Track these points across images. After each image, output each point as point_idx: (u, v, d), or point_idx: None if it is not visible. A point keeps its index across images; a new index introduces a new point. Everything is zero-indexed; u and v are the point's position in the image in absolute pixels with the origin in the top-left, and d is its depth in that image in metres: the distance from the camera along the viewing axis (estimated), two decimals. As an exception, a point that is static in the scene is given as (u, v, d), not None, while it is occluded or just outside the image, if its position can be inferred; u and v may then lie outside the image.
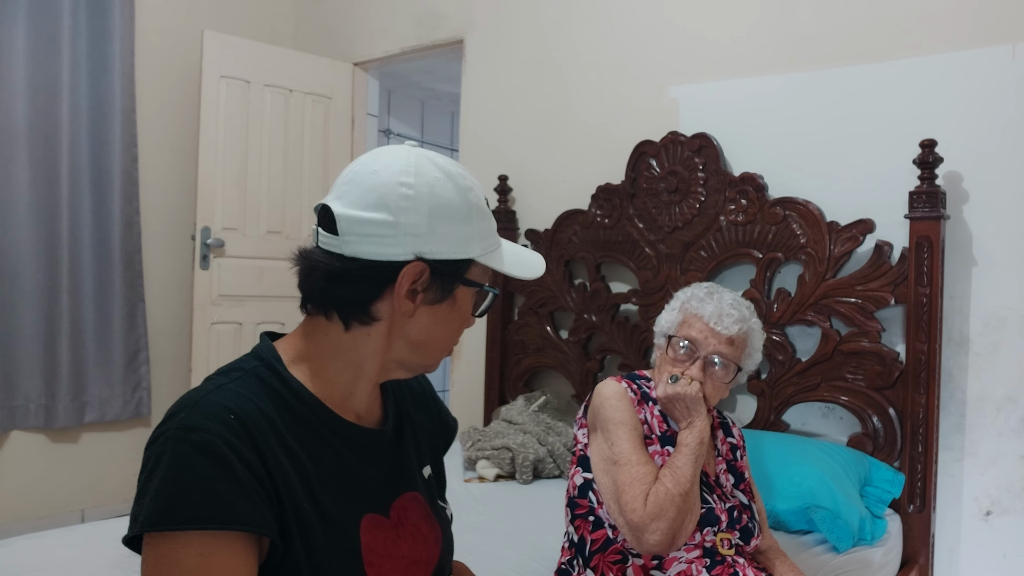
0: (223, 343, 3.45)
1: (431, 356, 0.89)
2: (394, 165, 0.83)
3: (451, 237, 0.83)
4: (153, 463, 0.74)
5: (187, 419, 0.75)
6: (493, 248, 0.88)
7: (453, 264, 0.84)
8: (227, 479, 0.72)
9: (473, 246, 0.85)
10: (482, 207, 0.87)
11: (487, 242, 0.87)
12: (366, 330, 0.85)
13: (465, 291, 0.87)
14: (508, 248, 0.91)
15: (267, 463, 0.76)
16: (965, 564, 2.21)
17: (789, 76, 2.50)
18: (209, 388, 0.80)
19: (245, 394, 0.79)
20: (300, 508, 0.78)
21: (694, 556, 1.42)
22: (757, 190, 2.44)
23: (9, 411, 3.06)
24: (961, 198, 2.21)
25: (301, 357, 0.86)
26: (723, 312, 1.49)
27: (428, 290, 0.84)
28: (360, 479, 0.86)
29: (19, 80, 3.03)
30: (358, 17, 3.81)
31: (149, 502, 0.71)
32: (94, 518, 3.23)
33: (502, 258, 0.88)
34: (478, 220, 0.86)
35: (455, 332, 0.89)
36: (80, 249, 3.20)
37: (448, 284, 0.85)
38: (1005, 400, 2.14)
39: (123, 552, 1.65)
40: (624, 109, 2.87)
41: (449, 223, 0.83)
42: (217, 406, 0.76)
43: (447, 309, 0.86)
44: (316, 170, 3.74)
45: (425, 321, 0.86)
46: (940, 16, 2.24)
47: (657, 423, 1.50)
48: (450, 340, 0.89)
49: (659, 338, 1.58)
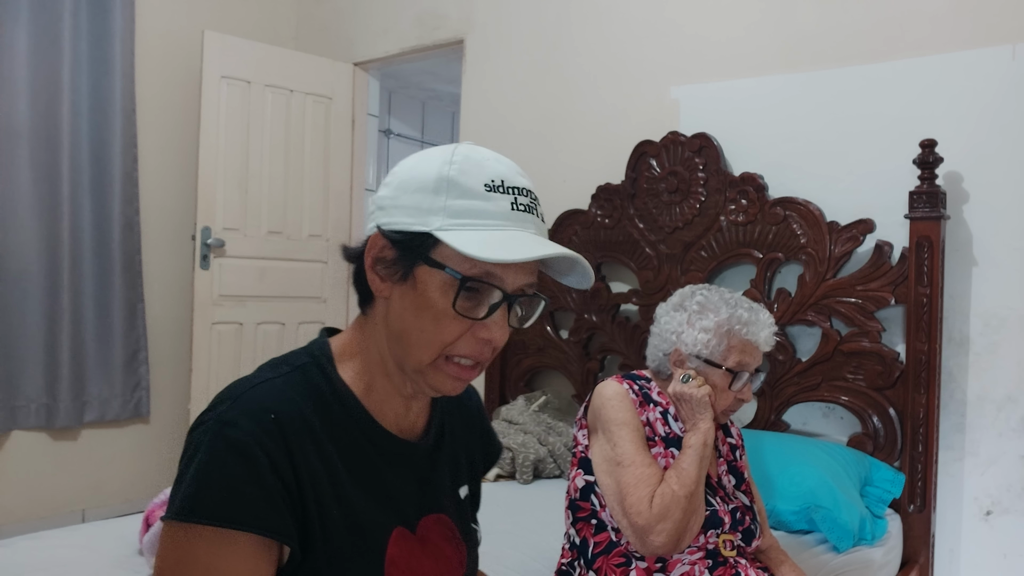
0: (223, 343, 3.45)
1: (411, 353, 0.80)
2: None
3: (410, 208, 0.78)
4: (191, 452, 0.74)
5: (227, 413, 0.75)
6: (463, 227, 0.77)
7: (409, 237, 0.78)
8: (253, 482, 0.72)
9: (433, 220, 0.77)
10: (463, 183, 0.77)
11: (457, 220, 0.77)
12: (372, 318, 0.84)
13: (428, 273, 0.77)
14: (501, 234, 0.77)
15: (297, 468, 0.75)
16: (965, 564, 2.21)
17: (789, 76, 2.50)
18: (256, 382, 0.79)
19: (289, 393, 0.78)
20: (328, 514, 0.77)
21: (697, 558, 1.42)
22: (757, 190, 2.44)
23: (10, 411, 3.06)
24: (961, 198, 2.21)
25: (349, 354, 0.85)
26: (772, 332, 1.51)
27: (391, 266, 0.79)
28: (392, 490, 0.84)
29: (20, 81, 3.03)
30: (358, 17, 3.81)
31: (180, 492, 0.72)
32: (95, 518, 3.23)
33: (469, 238, 0.75)
34: (449, 194, 0.77)
35: (428, 324, 0.78)
36: (80, 249, 3.21)
37: (406, 260, 0.78)
38: (1005, 400, 2.14)
39: (124, 552, 1.66)
40: (624, 109, 2.87)
41: (412, 193, 0.79)
42: (258, 404, 0.76)
43: (412, 293, 0.79)
44: (317, 170, 3.74)
45: (398, 305, 0.80)
46: (940, 16, 2.24)
47: (660, 424, 1.49)
48: (425, 334, 0.79)
49: (690, 361, 1.50)
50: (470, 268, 0.76)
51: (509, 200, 0.78)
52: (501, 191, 0.79)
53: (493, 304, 0.78)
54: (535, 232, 0.80)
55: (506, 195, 0.78)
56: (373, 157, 4.04)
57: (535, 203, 0.82)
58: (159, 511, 1.58)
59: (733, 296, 1.53)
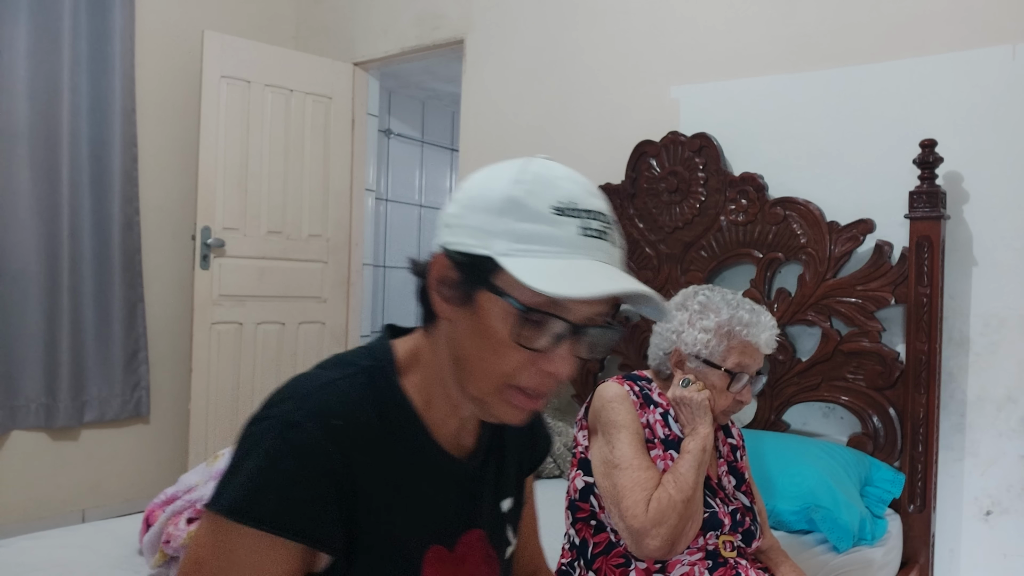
0: (223, 343, 3.45)
1: (471, 380, 0.76)
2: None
3: (474, 228, 0.74)
4: (249, 446, 0.72)
5: (292, 414, 0.73)
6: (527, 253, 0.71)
7: (471, 259, 0.73)
8: (310, 490, 0.71)
9: (496, 243, 0.72)
10: (529, 205, 0.72)
11: (520, 246, 0.72)
12: (435, 336, 0.81)
13: (490, 299, 0.73)
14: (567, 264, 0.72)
15: (356, 479, 0.73)
16: (965, 564, 2.21)
17: (789, 76, 2.50)
18: (322, 381, 0.77)
19: (354, 398, 0.76)
20: (372, 527, 0.76)
21: (696, 559, 1.42)
22: (757, 190, 2.44)
23: (10, 411, 3.06)
24: (961, 198, 2.21)
25: (411, 364, 0.82)
26: (773, 334, 1.50)
27: (454, 288, 0.75)
28: (434, 507, 0.82)
29: (20, 80, 3.03)
30: (358, 17, 3.81)
31: (233, 487, 0.71)
32: (94, 518, 3.23)
33: (533, 266, 0.70)
34: (514, 216, 0.72)
35: (489, 353, 0.74)
36: (80, 249, 3.21)
37: (468, 284, 0.74)
38: (1005, 400, 2.14)
39: (124, 552, 1.66)
40: (624, 109, 2.87)
41: (477, 212, 0.74)
42: (326, 408, 0.74)
43: (474, 318, 0.75)
44: (317, 170, 3.74)
45: (461, 329, 0.76)
46: (940, 16, 2.24)
47: (660, 426, 1.49)
48: (486, 363, 0.75)
49: (689, 361, 1.49)
50: (533, 297, 0.71)
51: (579, 224, 0.73)
52: (570, 214, 0.73)
53: (557, 336, 0.73)
54: (606, 260, 0.74)
55: (575, 219, 0.73)
56: (373, 157, 4.05)
57: (608, 227, 0.76)
58: (159, 511, 1.58)
59: (735, 297, 1.52)
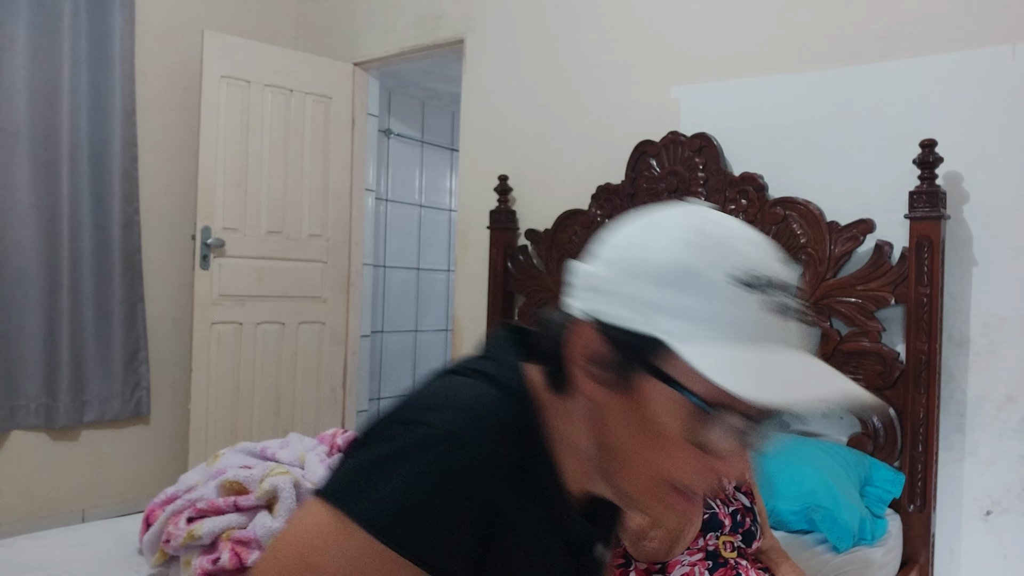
0: (223, 343, 3.45)
1: (622, 475, 0.67)
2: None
3: (633, 299, 0.62)
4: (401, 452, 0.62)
5: (460, 433, 0.63)
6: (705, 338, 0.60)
7: (631, 337, 0.62)
8: (464, 524, 0.63)
9: (663, 320, 0.60)
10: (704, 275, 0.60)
11: (695, 326, 0.60)
12: (567, 400, 0.69)
13: (655, 387, 0.62)
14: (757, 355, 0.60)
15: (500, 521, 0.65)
16: (965, 564, 2.21)
17: (789, 76, 2.50)
18: (478, 394, 0.67)
19: (513, 424, 0.67)
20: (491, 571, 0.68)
21: (696, 559, 1.42)
22: (757, 190, 2.44)
23: (9, 411, 3.06)
24: (961, 198, 2.21)
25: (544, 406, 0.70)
26: None
27: (604, 368, 0.64)
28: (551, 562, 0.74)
29: (19, 80, 3.03)
30: (358, 17, 3.81)
31: (381, 499, 0.61)
32: (94, 517, 3.23)
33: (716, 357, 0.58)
34: (685, 290, 0.60)
35: (650, 449, 0.64)
36: (80, 249, 3.21)
37: (627, 366, 0.63)
38: (1005, 400, 2.14)
39: (124, 551, 1.66)
40: (624, 109, 2.87)
41: (636, 280, 0.62)
42: (494, 431, 0.64)
43: (631, 407, 0.64)
44: (316, 170, 3.74)
45: (613, 416, 0.65)
46: (940, 16, 2.24)
47: None
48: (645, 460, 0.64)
49: None
50: (710, 389, 0.59)
51: (766, 300, 0.61)
52: (756, 287, 0.61)
53: (737, 434, 0.62)
54: (799, 346, 0.63)
55: (761, 293, 0.61)
56: (373, 157, 4.05)
57: (798, 303, 0.64)
58: (159, 510, 1.58)
59: None
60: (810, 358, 0.63)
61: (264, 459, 1.64)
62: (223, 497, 1.47)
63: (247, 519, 1.45)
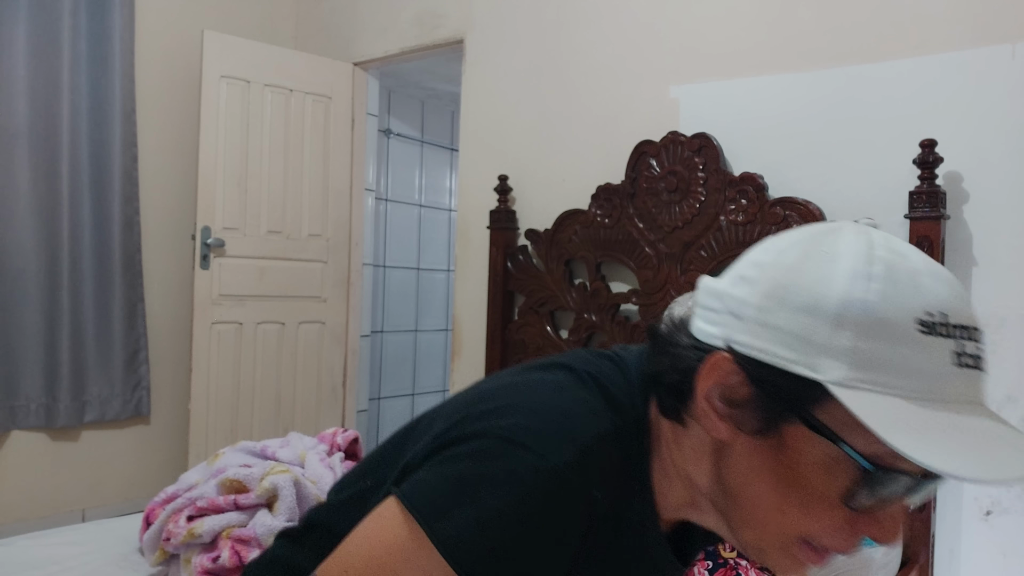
0: (223, 343, 3.45)
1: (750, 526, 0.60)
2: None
3: (789, 334, 0.54)
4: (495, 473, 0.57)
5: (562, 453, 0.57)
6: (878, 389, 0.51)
7: (785, 379, 0.54)
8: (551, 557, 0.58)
9: (828, 365, 0.52)
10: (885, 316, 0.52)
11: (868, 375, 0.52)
12: (682, 429, 0.63)
13: (806, 438, 0.54)
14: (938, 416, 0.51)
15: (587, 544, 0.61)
16: (965, 564, 2.21)
17: (789, 76, 2.50)
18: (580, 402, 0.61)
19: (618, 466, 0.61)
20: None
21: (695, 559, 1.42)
22: (757, 190, 2.44)
23: (9, 411, 3.06)
24: (961, 198, 2.21)
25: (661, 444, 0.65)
26: None
27: (742, 407, 0.57)
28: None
29: (19, 80, 3.03)
30: (358, 17, 3.81)
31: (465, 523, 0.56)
32: (95, 517, 3.23)
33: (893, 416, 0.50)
34: (861, 332, 0.52)
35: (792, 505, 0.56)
36: (80, 249, 3.21)
37: (771, 408, 0.55)
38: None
39: (124, 551, 1.66)
40: (624, 109, 2.87)
41: (795, 312, 0.54)
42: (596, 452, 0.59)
43: (771, 454, 0.56)
44: (316, 170, 3.74)
45: (745, 460, 0.58)
46: (940, 16, 2.24)
47: None
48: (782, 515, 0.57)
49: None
50: (872, 444, 0.51)
51: (952, 349, 0.52)
52: (942, 333, 0.52)
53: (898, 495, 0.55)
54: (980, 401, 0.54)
55: (948, 339, 0.52)
56: (373, 157, 4.05)
57: (983, 352, 0.54)
58: (159, 509, 1.58)
59: None
60: (991, 416, 0.54)
61: (264, 458, 1.64)
62: (223, 495, 1.48)
63: (247, 517, 1.45)
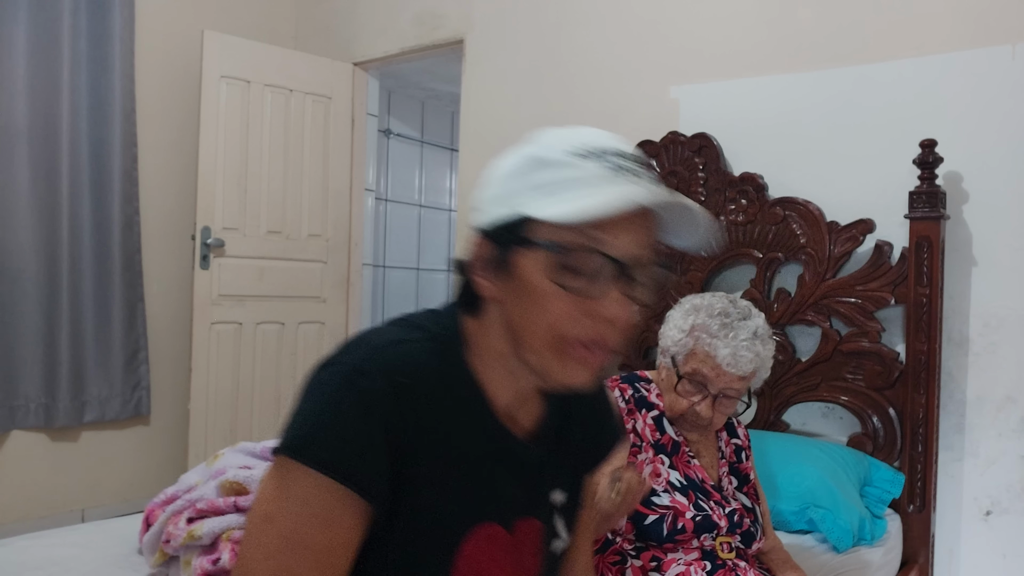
0: (223, 343, 3.45)
1: (528, 345, 0.74)
2: None
3: (499, 197, 0.75)
4: (315, 388, 0.73)
5: (364, 363, 0.73)
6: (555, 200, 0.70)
7: (502, 227, 0.73)
8: (368, 436, 0.70)
9: (521, 201, 0.72)
10: (547, 156, 0.72)
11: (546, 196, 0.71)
12: (484, 320, 0.79)
13: (525, 256, 0.72)
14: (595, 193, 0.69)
15: (410, 439, 0.73)
16: (965, 564, 2.21)
17: (789, 76, 2.50)
18: (395, 339, 0.77)
19: (425, 362, 0.76)
20: (420, 493, 0.74)
21: (692, 559, 1.42)
22: (757, 190, 2.44)
23: (9, 411, 3.06)
24: (961, 198, 2.21)
25: (474, 341, 0.80)
26: (738, 355, 1.41)
27: (492, 263, 0.75)
28: (494, 486, 0.80)
29: (19, 80, 3.03)
30: (358, 17, 3.81)
31: (296, 428, 0.72)
32: (94, 517, 3.23)
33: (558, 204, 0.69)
34: (534, 171, 0.72)
35: (535, 310, 0.72)
36: (80, 249, 3.20)
37: (504, 251, 0.74)
38: (1005, 400, 2.14)
39: (124, 551, 1.66)
40: (624, 109, 2.87)
41: (499, 183, 0.76)
42: (395, 364, 0.73)
43: (515, 285, 0.73)
44: (316, 170, 3.74)
45: (510, 304, 0.75)
46: (940, 16, 2.24)
47: (650, 431, 1.49)
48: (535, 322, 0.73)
49: (664, 356, 1.52)
50: (568, 236, 0.69)
51: (605, 164, 0.71)
52: (595, 156, 0.71)
53: (600, 274, 0.70)
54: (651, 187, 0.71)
55: (601, 159, 0.71)
56: (373, 157, 4.05)
57: (642, 166, 0.73)
58: (159, 511, 1.58)
59: (732, 309, 1.47)
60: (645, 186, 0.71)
61: (264, 459, 1.64)
62: (223, 497, 1.48)
63: (247, 519, 1.45)
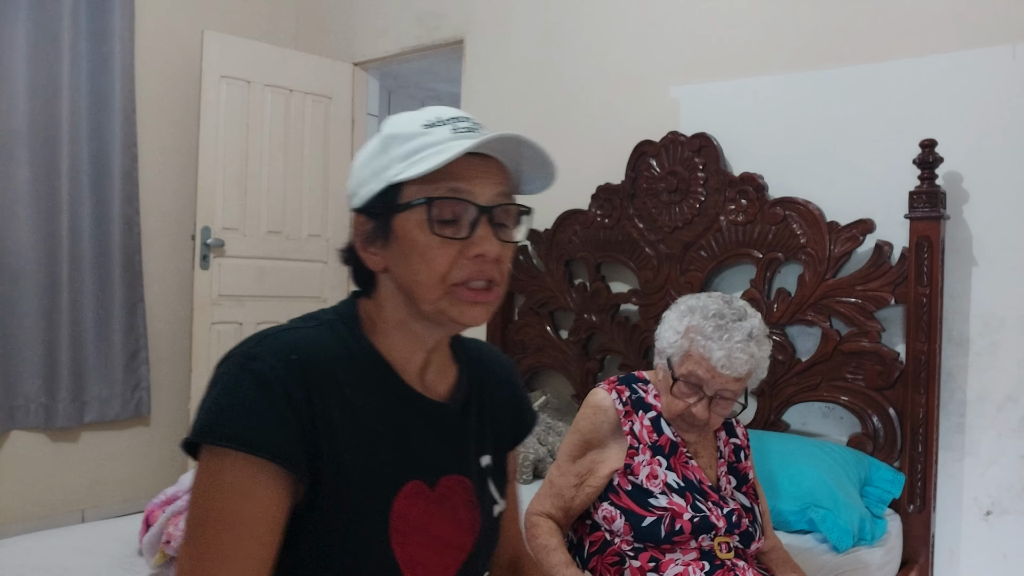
0: (223, 343, 3.45)
1: (420, 297, 0.82)
2: None
3: (368, 177, 0.84)
4: (213, 381, 0.79)
5: (253, 349, 0.79)
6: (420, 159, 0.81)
7: (375, 199, 0.83)
8: (271, 410, 0.76)
9: (388, 173, 0.82)
10: (401, 133, 0.83)
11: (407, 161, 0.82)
12: (377, 298, 0.88)
13: (402, 218, 0.82)
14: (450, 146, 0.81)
15: (315, 408, 0.78)
16: (965, 564, 2.21)
17: (789, 76, 2.50)
18: (283, 328, 0.84)
19: (316, 341, 0.83)
20: (340, 459, 0.79)
21: (691, 559, 1.42)
22: (757, 190, 2.44)
23: (9, 411, 3.06)
24: (961, 198, 2.21)
25: (372, 317, 0.88)
26: (732, 356, 1.40)
27: (373, 236, 0.84)
28: (412, 445, 0.86)
29: (19, 80, 3.03)
30: (358, 17, 3.81)
31: (202, 414, 0.77)
32: (94, 518, 3.23)
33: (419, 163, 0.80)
34: (393, 146, 0.83)
35: (420, 264, 0.81)
36: (80, 249, 3.20)
37: (383, 220, 0.83)
38: (1005, 400, 2.14)
39: (124, 552, 1.66)
40: (624, 109, 2.87)
41: (364, 166, 0.85)
42: (284, 345, 0.80)
43: (398, 247, 0.82)
44: (316, 170, 3.74)
45: (395, 268, 0.84)
46: (940, 16, 2.24)
47: (647, 432, 1.49)
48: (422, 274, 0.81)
49: (660, 357, 1.51)
50: (435, 191, 0.80)
51: (449, 128, 0.83)
52: (439, 124, 0.84)
53: (471, 220, 0.82)
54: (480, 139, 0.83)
55: (445, 125, 0.84)
56: (373, 157, 4.04)
57: (478, 125, 0.86)
58: (159, 511, 1.58)
59: (727, 310, 1.46)
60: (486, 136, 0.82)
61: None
62: (223, 497, 1.47)
63: (247, 519, 1.44)
